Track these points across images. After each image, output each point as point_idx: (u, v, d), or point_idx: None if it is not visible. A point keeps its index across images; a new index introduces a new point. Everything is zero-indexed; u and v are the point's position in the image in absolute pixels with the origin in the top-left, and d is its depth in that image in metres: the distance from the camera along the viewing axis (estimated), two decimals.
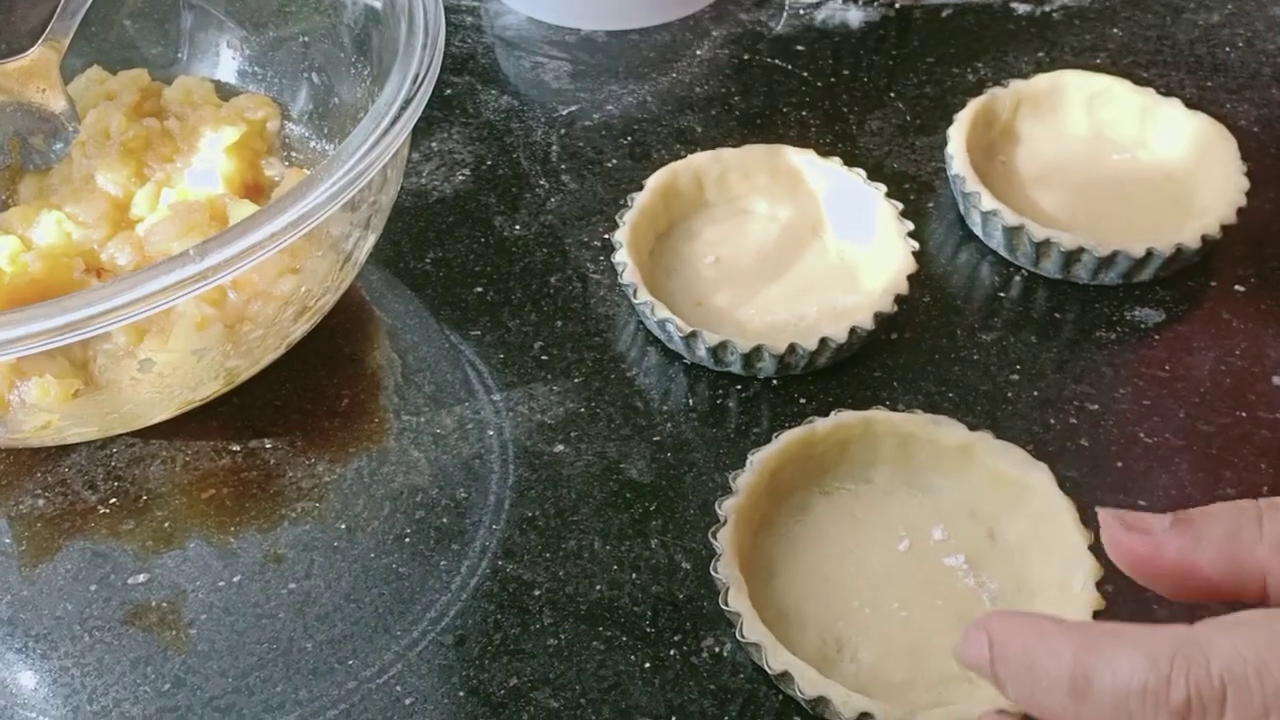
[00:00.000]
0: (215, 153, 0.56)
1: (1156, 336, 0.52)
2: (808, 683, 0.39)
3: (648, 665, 0.43)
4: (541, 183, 0.61)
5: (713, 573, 0.43)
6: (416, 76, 0.46)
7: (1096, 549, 0.41)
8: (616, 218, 0.55)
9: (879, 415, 0.46)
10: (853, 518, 0.46)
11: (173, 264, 0.37)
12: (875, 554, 0.45)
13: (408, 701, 0.42)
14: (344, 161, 0.42)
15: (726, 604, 0.42)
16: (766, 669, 0.40)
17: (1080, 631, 0.30)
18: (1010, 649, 0.31)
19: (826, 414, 0.47)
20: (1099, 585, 0.41)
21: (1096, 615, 0.40)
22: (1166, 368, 0.51)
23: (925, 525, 0.45)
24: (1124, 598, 0.42)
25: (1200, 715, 0.28)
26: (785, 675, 0.40)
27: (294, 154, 0.59)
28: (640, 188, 0.56)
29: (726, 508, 0.44)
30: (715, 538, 0.43)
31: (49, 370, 0.46)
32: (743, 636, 0.41)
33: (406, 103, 0.45)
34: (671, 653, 0.43)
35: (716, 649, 0.43)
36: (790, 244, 0.56)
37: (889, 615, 0.43)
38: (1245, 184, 0.54)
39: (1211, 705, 0.28)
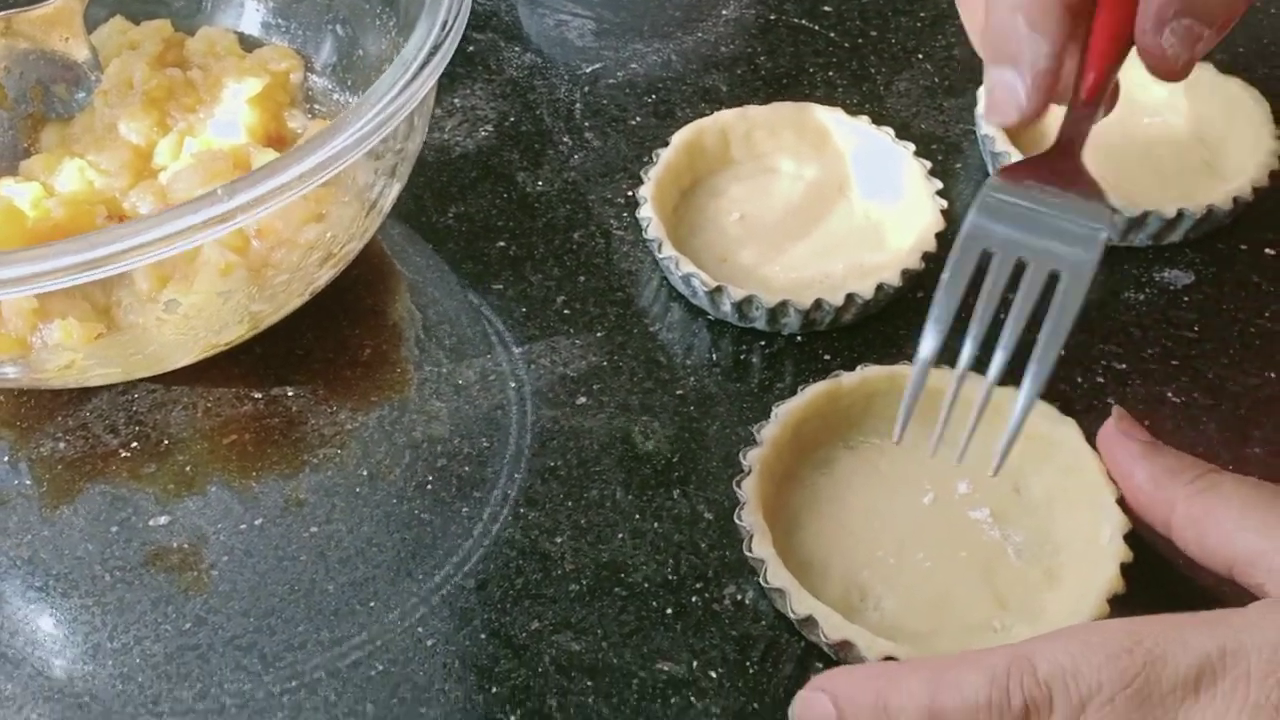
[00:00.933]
0: (238, 104, 0.56)
1: (1186, 298, 0.52)
2: (832, 627, 0.39)
3: (669, 611, 0.43)
4: (565, 140, 0.60)
5: (736, 521, 0.42)
6: (445, 23, 0.46)
7: (1124, 503, 0.41)
8: (641, 174, 0.55)
9: (904, 370, 0.46)
10: (877, 471, 0.45)
11: (200, 203, 0.37)
12: (899, 506, 0.44)
13: (429, 643, 0.42)
14: (372, 106, 0.42)
15: (750, 551, 0.41)
16: (790, 614, 0.40)
17: (925, 666, 0.35)
18: (860, 699, 0.36)
19: (852, 369, 0.46)
20: (1126, 538, 0.41)
21: (1124, 567, 0.40)
22: (1195, 329, 0.51)
23: (950, 479, 0.45)
24: (1150, 552, 0.42)
25: (1036, 716, 0.33)
26: (809, 620, 0.39)
27: (317, 106, 0.59)
28: (665, 144, 0.55)
29: (751, 458, 0.43)
30: (739, 487, 0.43)
31: (71, 313, 0.46)
32: (766, 582, 0.41)
33: (435, 49, 0.45)
34: (694, 599, 0.43)
35: (739, 596, 0.43)
36: (816, 202, 0.56)
37: (913, 566, 0.43)
38: (1277, 146, 0.53)
39: (1043, 706, 0.33)
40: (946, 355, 0.40)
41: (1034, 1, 0.37)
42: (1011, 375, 0.37)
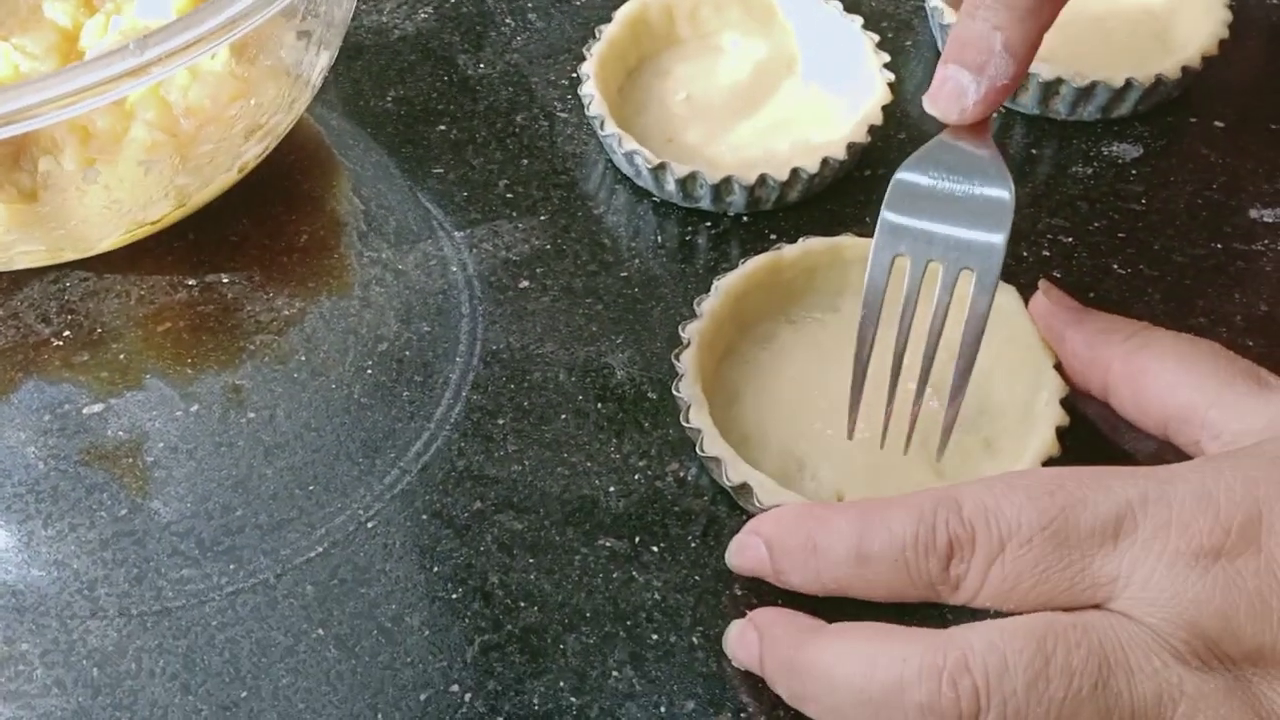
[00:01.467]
0: None
1: (1134, 171, 0.51)
2: (766, 493, 0.39)
3: (612, 489, 0.42)
4: (507, 21, 0.59)
5: (674, 392, 0.42)
6: None
7: (1062, 369, 0.41)
8: (584, 51, 0.53)
9: (847, 241, 0.45)
10: (818, 345, 0.45)
11: (112, 58, 0.35)
12: (839, 379, 0.44)
13: (370, 525, 0.42)
14: None
15: (687, 421, 0.41)
16: (725, 483, 0.40)
17: (854, 507, 0.36)
18: (790, 540, 0.37)
19: None
20: (1062, 403, 0.41)
21: (1060, 431, 0.40)
22: (1143, 201, 0.50)
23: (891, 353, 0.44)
24: (1087, 418, 0.42)
25: (959, 554, 0.34)
26: (744, 488, 0.39)
27: None
28: (609, 21, 0.54)
29: (690, 330, 0.43)
30: (678, 359, 0.43)
31: None
32: (702, 451, 0.40)
33: None
34: (636, 477, 0.43)
35: (681, 474, 0.43)
36: (764, 80, 0.54)
37: (856, 433, 0.42)
38: (1228, 16, 0.52)
39: (966, 544, 0.33)
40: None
41: (1017, 28, 0.37)
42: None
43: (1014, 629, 0.32)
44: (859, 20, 0.53)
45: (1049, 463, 0.39)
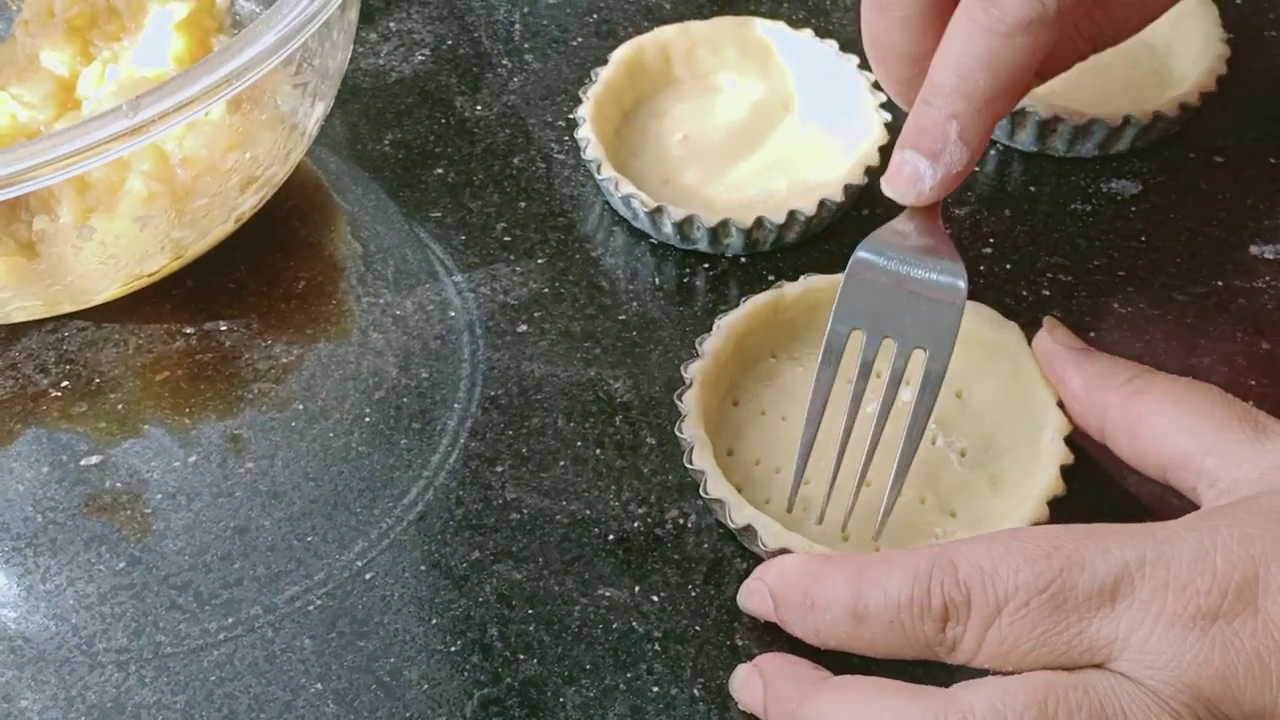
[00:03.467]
0: (163, 30, 0.54)
1: (1133, 208, 0.51)
2: (771, 535, 0.39)
3: (611, 537, 0.42)
4: (504, 62, 0.59)
5: (677, 433, 0.42)
6: None
7: (1064, 407, 0.41)
8: (581, 94, 0.53)
9: None
10: None
11: (106, 119, 0.36)
12: (842, 418, 0.44)
13: (368, 576, 0.42)
14: (283, 15, 0.40)
15: (690, 463, 0.41)
16: (730, 524, 0.40)
17: (851, 564, 0.36)
18: (790, 595, 0.37)
19: None
20: (1067, 441, 0.40)
21: (1064, 470, 0.40)
22: (1142, 239, 0.50)
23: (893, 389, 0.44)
24: (1091, 455, 0.42)
25: (955, 616, 0.33)
26: (748, 530, 0.39)
27: None
28: (606, 64, 0.54)
29: (692, 371, 0.43)
30: (680, 400, 0.42)
31: None
32: (706, 493, 0.40)
33: None
34: (635, 525, 0.42)
35: (681, 520, 0.42)
36: (760, 120, 0.54)
37: (856, 475, 0.42)
38: (1226, 51, 0.52)
39: (961, 607, 0.33)
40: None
41: (972, 119, 0.37)
42: None
43: (1015, 690, 0.32)
44: (855, 60, 0.53)
45: (1054, 502, 0.39)
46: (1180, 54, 0.54)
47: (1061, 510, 0.39)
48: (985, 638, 0.33)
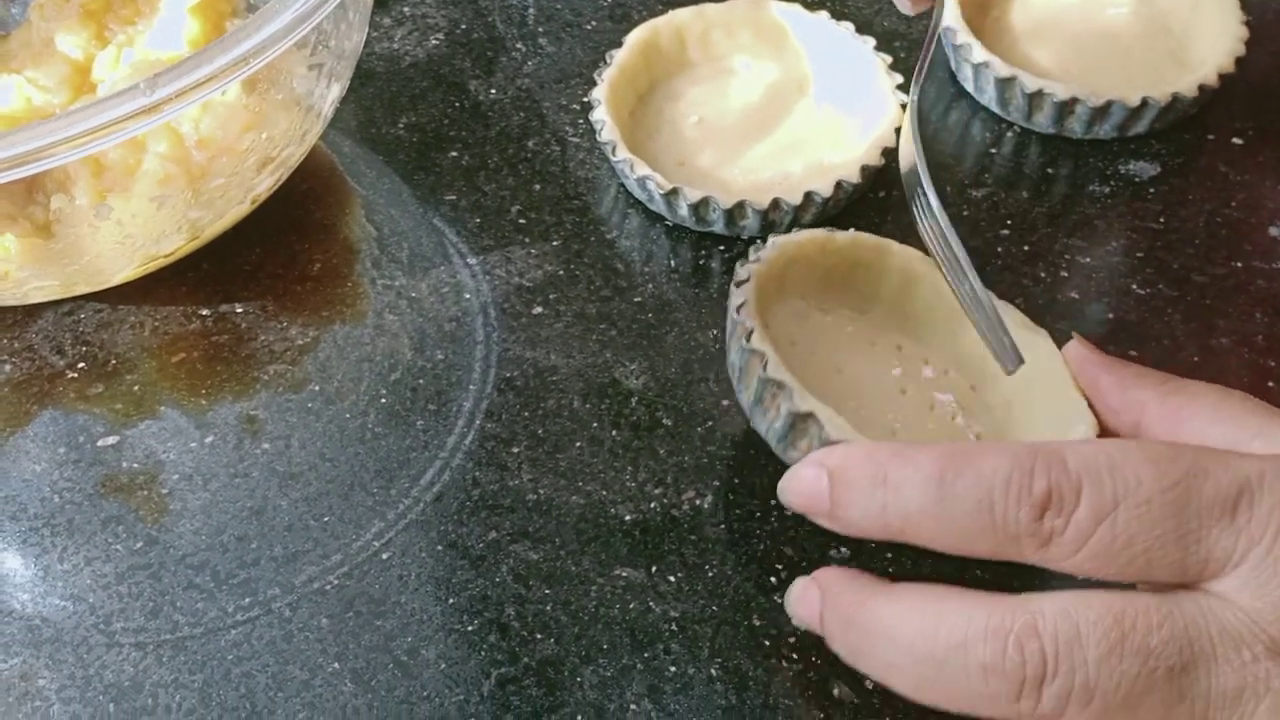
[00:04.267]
0: (178, 13, 0.53)
1: (1151, 190, 0.51)
2: (835, 427, 0.37)
3: (627, 518, 0.42)
4: (518, 46, 0.59)
5: (732, 316, 0.40)
6: None
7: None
8: (595, 76, 0.53)
9: (895, 246, 0.44)
10: (848, 336, 0.44)
11: (123, 97, 0.35)
12: (870, 370, 0.43)
13: (385, 556, 0.42)
14: None
15: (747, 343, 0.39)
16: (787, 412, 0.38)
17: (940, 446, 0.33)
18: (857, 471, 0.33)
19: None
20: None
21: None
22: (1161, 220, 0.50)
23: (915, 360, 0.44)
24: None
25: (1058, 505, 0.30)
26: (807, 420, 0.37)
27: None
28: (620, 46, 0.54)
29: (748, 269, 0.41)
30: (736, 288, 0.41)
31: (10, 230, 0.45)
32: (764, 373, 0.38)
33: None
34: (652, 505, 0.42)
35: (698, 501, 0.42)
36: (776, 102, 0.54)
37: (882, 425, 0.41)
38: (1244, 33, 0.52)
39: (1069, 495, 0.30)
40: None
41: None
42: None
43: (1090, 599, 0.30)
44: (871, 41, 0.53)
45: None
46: (1198, 36, 0.54)
47: None
48: (1094, 533, 0.30)
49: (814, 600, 0.35)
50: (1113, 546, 0.30)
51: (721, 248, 0.50)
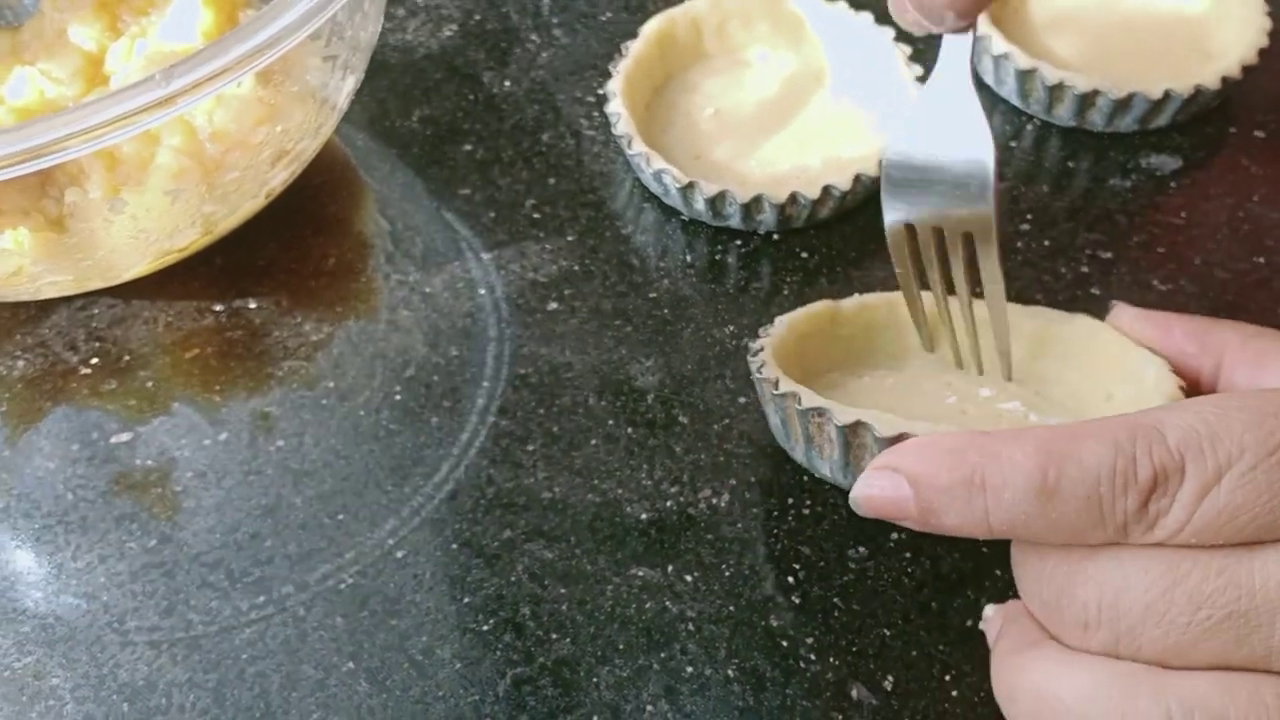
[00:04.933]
0: (192, 4, 0.53)
1: (1173, 184, 0.50)
2: (885, 424, 0.36)
3: (644, 517, 0.42)
4: (532, 37, 0.58)
5: (756, 375, 0.40)
6: None
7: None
8: (610, 68, 0.53)
9: (901, 298, 0.43)
10: (889, 388, 0.43)
11: (138, 89, 0.35)
12: (924, 404, 0.41)
13: (399, 554, 0.41)
14: None
15: (776, 389, 0.39)
16: (835, 426, 0.37)
17: (1027, 436, 0.30)
18: (945, 476, 0.31)
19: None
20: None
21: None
22: (1183, 214, 0.49)
23: (970, 389, 0.43)
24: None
25: (1164, 486, 0.29)
26: (857, 429, 0.37)
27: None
28: (635, 37, 0.53)
29: (762, 355, 0.41)
30: (760, 371, 0.40)
31: (23, 224, 0.44)
32: (799, 405, 0.38)
33: None
34: (669, 503, 0.42)
35: (714, 500, 0.42)
36: (793, 94, 0.54)
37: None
38: (1268, 24, 0.51)
39: (1173, 475, 0.29)
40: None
41: None
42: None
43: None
44: (891, 32, 0.52)
45: None
46: (1220, 27, 0.53)
47: None
48: (1199, 509, 0.29)
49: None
50: (1218, 520, 0.29)
51: (738, 242, 0.50)
